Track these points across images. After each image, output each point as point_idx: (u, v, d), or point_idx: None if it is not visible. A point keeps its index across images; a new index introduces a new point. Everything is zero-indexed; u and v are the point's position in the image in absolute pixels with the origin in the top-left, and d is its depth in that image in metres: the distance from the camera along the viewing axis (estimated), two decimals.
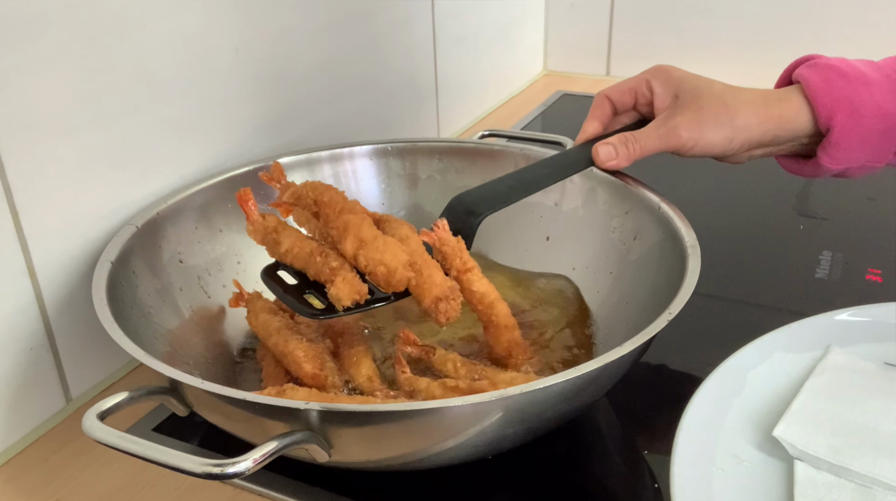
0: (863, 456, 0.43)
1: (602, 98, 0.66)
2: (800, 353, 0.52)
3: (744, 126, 0.59)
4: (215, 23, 0.68)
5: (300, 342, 0.57)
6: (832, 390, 0.48)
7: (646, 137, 0.61)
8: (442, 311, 0.53)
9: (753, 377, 0.50)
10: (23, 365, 0.57)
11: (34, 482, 0.55)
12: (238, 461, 0.40)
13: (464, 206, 0.62)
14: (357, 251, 0.54)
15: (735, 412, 0.48)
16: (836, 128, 0.57)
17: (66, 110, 0.57)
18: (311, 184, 0.59)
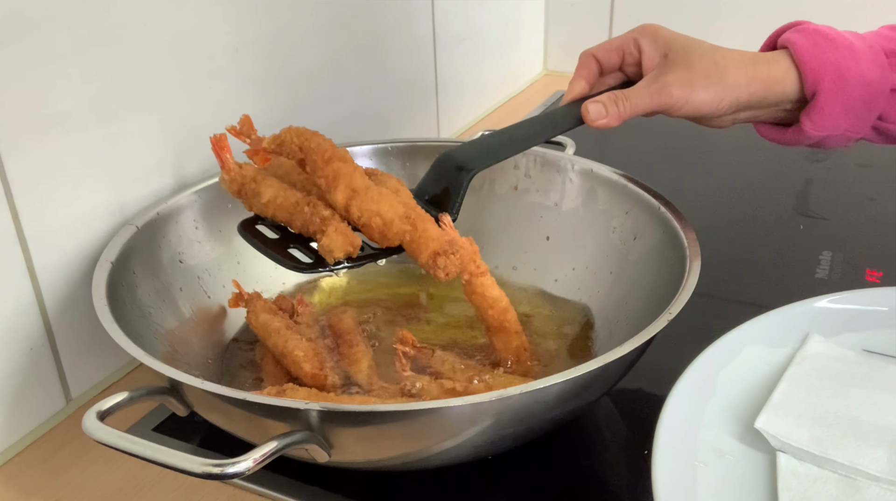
0: (845, 447, 0.42)
1: (588, 57, 0.64)
2: (779, 341, 0.51)
3: (733, 85, 0.58)
4: (215, 23, 0.68)
5: (300, 342, 0.57)
6: (812, 379, 0.47)
7: (637, 95, 0.60)
8: (441, 266, 0.50)
9: (732, 368, 0.49)
10: (23, 365, 0.57)
11: (34, 482, 0.55)
12: (238, 461, 0.40)
13: (453, 161, 0.58)
14: (349, 201, 0.51)
15: (715, 405, 0.47)
16: (822, 93, 0.58)
17: (66, 110, 0.57)
18: (295, 129, 0.55)
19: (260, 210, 0.54)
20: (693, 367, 0.49)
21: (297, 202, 0.52)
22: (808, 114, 0.59)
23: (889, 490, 0.40)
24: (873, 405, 0.45)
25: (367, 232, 0.51)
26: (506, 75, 1.23)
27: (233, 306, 0.63)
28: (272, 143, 0.54)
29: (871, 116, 0.60)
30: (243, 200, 0.55)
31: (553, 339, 0.63)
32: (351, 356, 0.59)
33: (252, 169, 0.55)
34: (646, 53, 0.62)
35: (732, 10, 1.16)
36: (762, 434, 0.45)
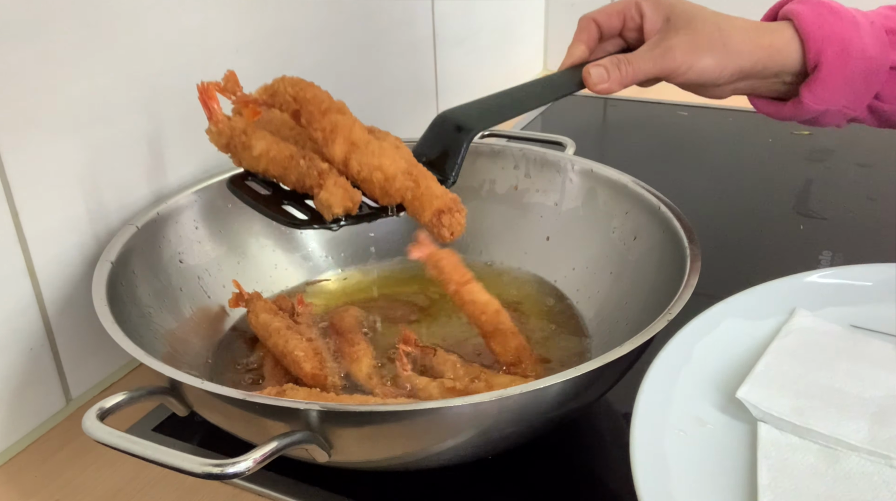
0: (827, 418, 0.42)
1: (588, 21, 0.62)
2: (765, 316, 0.51)
3: (737, 52, 0.57)
4: (215, 22, 0.67)
5: (300, 342, 0.57)
6: (797, 352, 0.47)
7: (639, 59, 0.58)
8: (446, 224, 0.47)
9: (716, 340, 0.49)
10: (23, 365, 0.57)
11: (34, 482, 0.55)
12: (238, 461, 0.40)
13: (451, 122, 0.56)
14: (348, 155, 0.47)
15: (697, 376, 0.46)
16: (825, 64, 0.57)
17: (67, 110, 0.57)
18: (289, 79, 0.51)
19: (250, 165, 0.50)
20: (676, 338, 0.48)
21: (291, 156, 0.48)
22: (809, 86, 0.58)
23: (868, 459, 0.39)
24: (857, 378, 0.45)
25: (368, 188, 0.47)
26: (506, 75, 1.23)
27: (233, 306, 0.63)
28: (264, 94, 0.51)
29: (869, 92, 0.59)
30: (232, 154, 0.52)
31: (552, 339, 0.63)
32: (352, 354, 0.59)
33: (242, 121, 0.52)
34: (647, 18, 0.60)
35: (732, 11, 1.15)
36: (743, 405, 0.44)
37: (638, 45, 0.61)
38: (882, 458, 0.39)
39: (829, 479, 0.39)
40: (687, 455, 0.41)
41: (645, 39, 0.61)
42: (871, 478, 0.38)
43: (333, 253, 0.73)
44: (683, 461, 0.41)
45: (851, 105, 0.60)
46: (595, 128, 1.10)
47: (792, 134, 1.04)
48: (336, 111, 0.49)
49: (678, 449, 0.41)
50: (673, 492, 0.38)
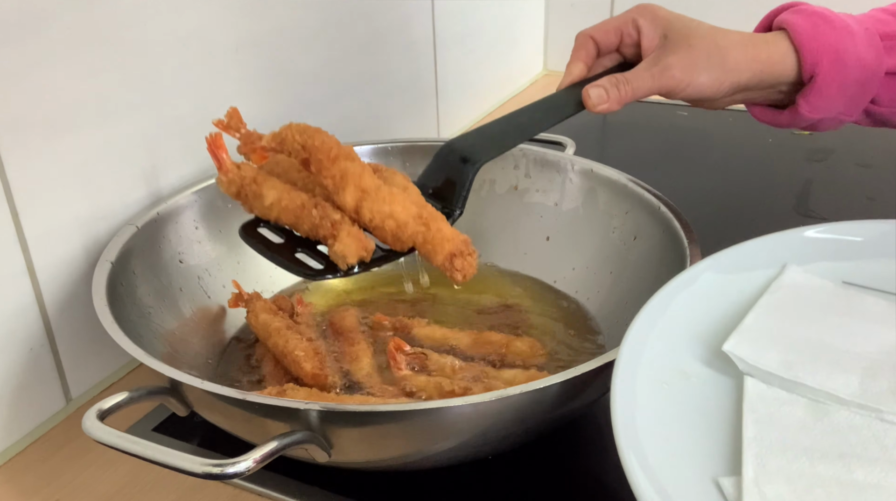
0: (816, 371, 0.41)
1: (585, 38, 0.62)
2: (754, 271, 0.49)
3: (734, 67, 0.58)
4: (215, 22, 0.67)
5: (300, 342, 0.57)
6: (787, 307, 0.45)
7: (638, 78, 0.58)
8: (458, 267, 0.48)
9: (703, 295, 0.47)
10: (23, 365, 0.57)
11: (34, 482, 0.55)
12: (238, 461, 0.40)
13: (456, 153, 0.56)
14: (360, 203, 0.48)
15: (683, 329, 0.45)
16: (821, 75, 0.57)
17: (66, 110, 0.57)
18: (297, 126, 0.51)
19: (262, 213, 0.51)
20: (662, 292, 0.46)
21: (302, 205, 0.49)
22: (805, 96, 0.59)
23: (858, 413, 0.38)
24: (849, 332, 0.43)
25: (380, 234, 0.48)
26: (506, 75, 1.23)
27: (233, 307, 0.63)
28: (272, 141, 0.51)
29: (865, 98, 0.59)
30: (243, 202, 0.52)
31: (552, 338, 0.63)
32: (352, 354, 0.59)
33: (251, 169, 0.53)
34: (644, 34, 0.61)
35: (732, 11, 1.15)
36: (730, 359, 0.42)
37: (636, 60, 0.62)
38: (872, 411, 0.38)
39: (818, 432, 0.38)
40: (670, 408, 0.40)
41: (643, 55, 0.61)
42: (860, 432, 0.37)
43: None
44: (666, 413, 0.39)
45: (847, 111, 0.60)
46: (595, 128, 1.10)
47: (792, 134, 1.04)
48: (345, 158, 0.49)
49: (661, 402, 0.40)
50: (654, 444, 0.37)
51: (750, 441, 0.37)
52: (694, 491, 0.35)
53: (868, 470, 0.35)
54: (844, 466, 0.35)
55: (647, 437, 0.37)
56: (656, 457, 0.36)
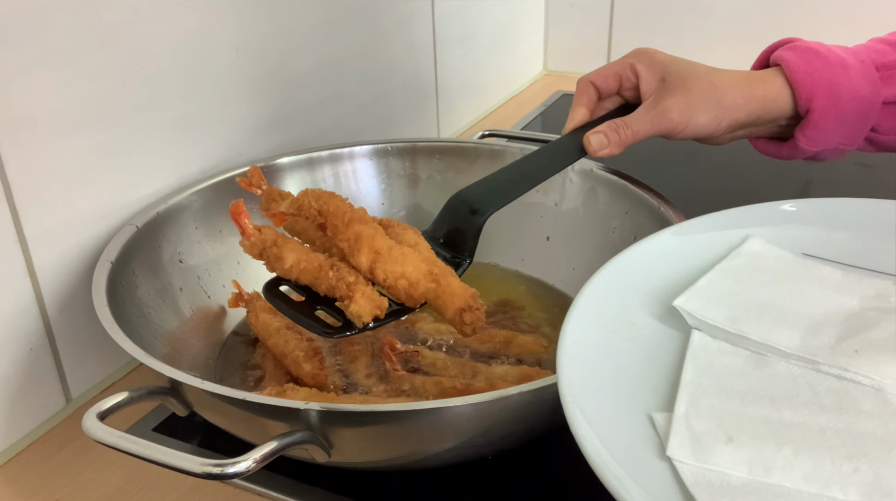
0: (761, 326, 0.41)
1: (586, 84, 0.65)
2: (719, 239, 0.49)
3: (731, 106, 0.59)
4: (215, 23, 0.68)
5: (300, 342, 0.57)
6: (743, 271, 0.46)
7: (637, 122, 0.60)
8: (467, 322, 0.51)
9: (666, 258, 0.48)
10: (23, 365, 0.57)
11: (34, 482, 0.55)
12: (238, 461, 0.40)
13: (466, 204, 0.59)
14: (373, 264, 0.51)
15: (641, 287, 0.45)
16: (816, 110, 0.58)
17: (66, 110, 0.57)
18: (313, 192, 0.55)
19: (283, 274, 0.54)
20: (625, 253, 0.47)
21: (320, 266, 0.52)
22: (803, 130, 0.60)
23: (797, 365, 0.39)
24: (800, 296, 0.44)
25: (393, 293, 0.51)
26: (506, 75, 1.23)
27: (233, 307, 0.63)
28: (291, 207, 0.55)
29: (864, 128, 0.60)
30: (265, 263, 0.56)
31: (552, 338, 0.63)
32: (350, 354, 0.59)
33: (272, 232, 0.56)
34: (643, 78, 0.62)
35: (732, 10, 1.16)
36: (681, 316, 0.43)
37: (636, 102, 0.63)
38: (809, 363, 0.39)
39: (755, 380, 0.38)
40: (616, 354, 0.41)
41: (642, 98, 0.63)
42: (795, 380, 0.38)
43: None
44: (611, 358, 0.40)
45: (847, 142, 0.61)
46: None
47: None
48: (358, 222, 0.53)
49: (609, 348, 0.41)
50: (595, 383, 0.38)
51: (686, 383, 0.38)
52: (628, 425, 0.36)
53: (795, 412, 0.36)
54: (774, 408, 0.36)
55: (588, 377, 0.38)
56: (595, 395, 0.37)
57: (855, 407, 0.35)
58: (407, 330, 0.63)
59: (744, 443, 0.34)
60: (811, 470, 0.32)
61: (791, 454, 0.33)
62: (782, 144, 0.63)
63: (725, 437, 0.34)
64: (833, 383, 0.37)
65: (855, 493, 0.31)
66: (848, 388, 0.37)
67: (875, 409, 0.35)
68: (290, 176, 0.72)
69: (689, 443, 0.34)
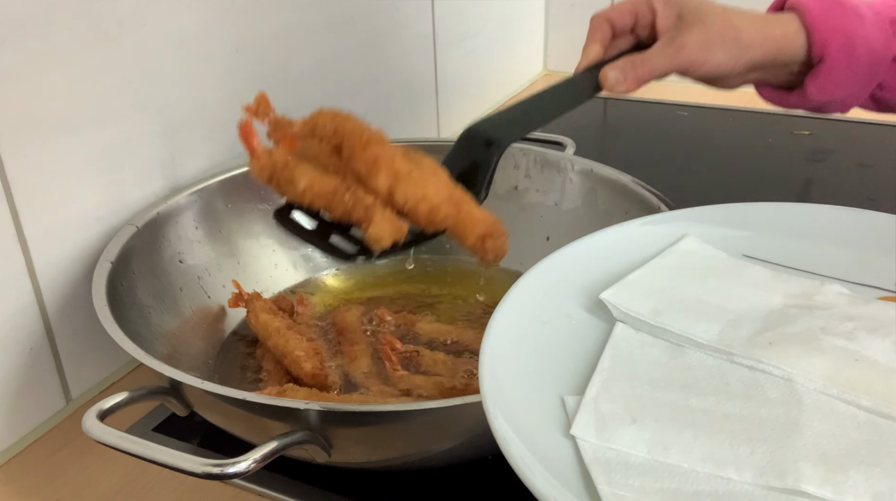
0: (683, 320, 0.42)
1: (601, 20, 0.63)
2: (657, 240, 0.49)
3: (748, 44, 0.58)
4: (215, 23, 0.68)
5: (300, 342, 0.57)
6: (673, 268, 0.46)
7: (654, 58, 0.59)
8: (490, 249, 0.48)
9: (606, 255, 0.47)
10: (23, 365, 0.57)
11: (34, 482, 0.55)
12: (238, 461, 0.40)
13: (481, 136, 0.55)
14: (393, 187, 0.48)
15: (578, 282, 0.45)
16: (829, 57, 0.58)
17: (66, 110, 0.57)
18: (328, 112, 0.52)
19: (295, 198, 0.51)
20: (565, 250, 0.47)
21: (334, 189, 0.49)
22: (814, 78, 0.59)
23: (712, 355, 0.39)
24: (725, 292, 0.44)
25: (413, 218, 0.48)
26: (506, 75, 1.23)
27: (233, 307, 0.63)
28: (304, 128, 0.52)
29: (872, 83, 0.60)
30: (275, 187, 0.52)
31: None
32: (351, 354, 0.59)
33: (282, 154, 0.52)
34: (659, 14, 0.61)
35: None
36: (607, 308, 0.43)
37: (649, 42, 0.62)
38: (724, 354, 0.39)
39: (669, 368, 0.39)
40: (543, 342, 0.41)
41: (657, 36, 0.61)
42: (709, 369, 0.39)
43: None
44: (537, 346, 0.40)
45: (854, 95, 0.61)
46: (595, 128, 1.10)
47: (792, 134, 1.04)
48: (376, 143, 0.49)
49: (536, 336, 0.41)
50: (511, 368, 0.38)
51: (601, 370, 0.39)
52: (541, 407, 0.37)
53: (703, 399, 0.36)
54: (683, 395, 0.37)
55: (511, 360, 0.39)
56: (510, 379, 0.37)
57: (762, 396, 0.36)
58: (407, 331, 0.63)
59: (647, 425, 0.35)
60: (709, 452, 0.33)
61: (691, 436, 0.34)
62: (790, 93, 0.62)
63: (630, 419, 0.35)
64: (744, 373, 0.38)
65: (749, 474, 0.32)
66: (758, 378, 0.37)
67: (781, 397, 0.36)
68: None
69: (594, 423, 0.35)
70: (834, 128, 1.06)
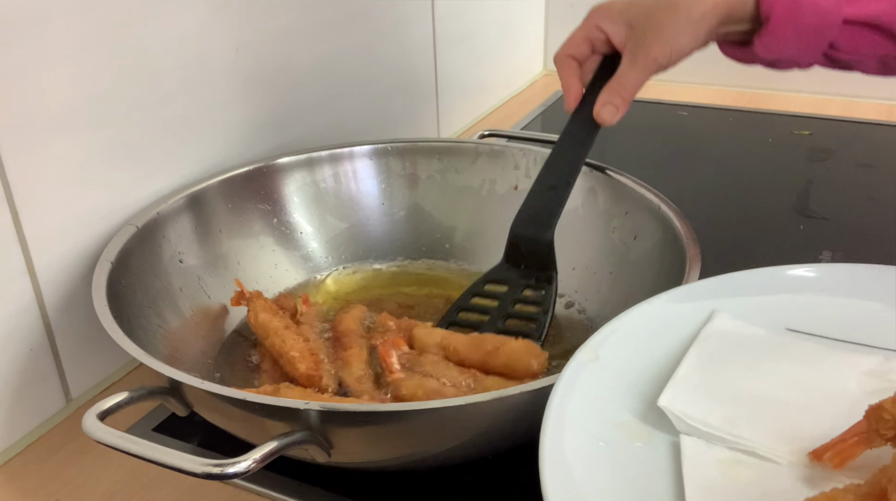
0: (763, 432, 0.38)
1: (564, 58, 0.66)
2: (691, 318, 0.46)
3: (701, 16, 0.59)
4: (215, 23, 0.68)
5: (296, 342, 0.57)
6: (719, 359, 0.42)
7: (629, 77, 0.62)
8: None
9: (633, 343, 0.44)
10: (23, 365, 0.57)
11: (34, 482, 0.55)
12: (238, 461, 0.40)
13: (529, 227, 0.63)
14: None
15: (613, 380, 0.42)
16: (774, 17, 0.58)
17: (67, 110, 0.57)
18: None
19: None
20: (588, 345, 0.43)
21: None
22: (761, 37, 0.60)
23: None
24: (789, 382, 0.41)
25: None
26: (506, 75, 1.23)
27: (235, 305, 0.63)
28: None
29: (821, 43, 0.60)
30: None
31: (553, 339, 0.63)
32: (344, 358, 0.59)
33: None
34: (610, 32, 0.63)
35: None
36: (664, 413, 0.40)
37: (613, 53, 0.65)
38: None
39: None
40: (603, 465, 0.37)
41: (619, 50, 0.64)
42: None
43: (334, 253, 0.73)
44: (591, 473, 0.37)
45: (803, 55, 0.61)
46: None
47: (792, 134, 1.04)
48: None
49: (593, 460, 0.37)
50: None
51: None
52: None
53: None
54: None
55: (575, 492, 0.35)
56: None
57: None
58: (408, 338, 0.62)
59: None
60: None
61: None
62: (743, 49, 0.63)
63: None
64: None
65: None
66: None
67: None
68: (289, 176, 0.72)
69: None
70: (834, 128, 1.06)
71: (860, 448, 0.36)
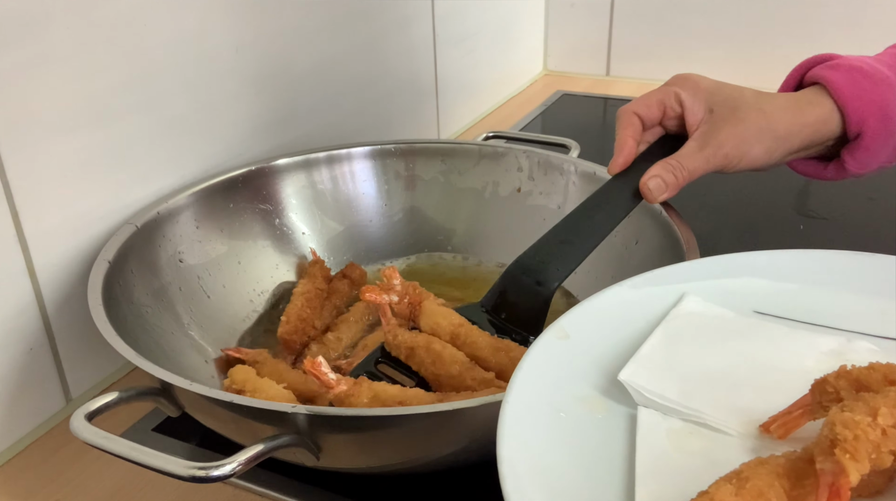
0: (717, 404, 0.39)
1: (630, 114, 0.61)
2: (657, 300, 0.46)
3: (785, 135, 0.57)
4: (215, 23, 0.68)
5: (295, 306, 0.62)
6: (684, 337, 0.43)
7: (691, 161, 0.57)
8: None
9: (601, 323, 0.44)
10: (23, 365, 0.57)
11: (34, 482, 0.55)
12: (223, 464, 0.40)
13: (530, 276, 0.57)
14: None
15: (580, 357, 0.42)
16: (867, 133, 0.56)
17: (66, 110, 0.57)
18: None
19: None
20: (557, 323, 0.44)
21: None
22: (852, 153, 0.58)
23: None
24: (751, 359, 0.41)
25: None
26: (506, 75, 1.23)
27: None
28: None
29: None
30: None
31: None
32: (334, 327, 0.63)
33: None
34: (688, 108, 0.59)
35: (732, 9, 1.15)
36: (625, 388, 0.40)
37: (679, 131, 0.61)
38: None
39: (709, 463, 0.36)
40: (562, 433, 0.38)
41: (687, 129, 0.60)
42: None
43: (334, 254, 0.73)
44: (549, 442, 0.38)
45: (891, 159, 0.60)
46: (595, 128, 1.10)
47: None
48: None
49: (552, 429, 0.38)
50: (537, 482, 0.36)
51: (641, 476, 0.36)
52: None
53: None
54: None
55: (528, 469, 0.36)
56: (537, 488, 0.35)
57: None
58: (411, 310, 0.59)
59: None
60: None
61: None
62: (826, 165, 0.61)
63: None
64: None
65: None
66: None
67: None
68: (288, 177, 0.72)
69: None
70: None
71: (804, 420, 0.37)
